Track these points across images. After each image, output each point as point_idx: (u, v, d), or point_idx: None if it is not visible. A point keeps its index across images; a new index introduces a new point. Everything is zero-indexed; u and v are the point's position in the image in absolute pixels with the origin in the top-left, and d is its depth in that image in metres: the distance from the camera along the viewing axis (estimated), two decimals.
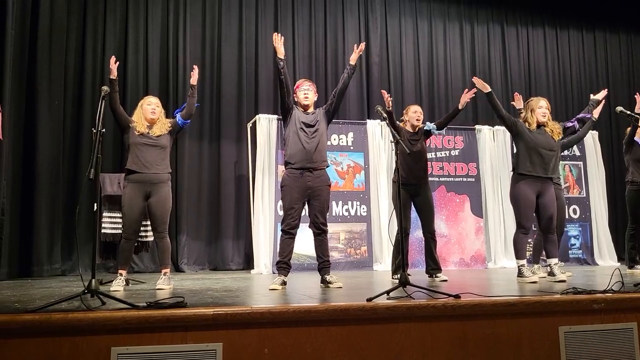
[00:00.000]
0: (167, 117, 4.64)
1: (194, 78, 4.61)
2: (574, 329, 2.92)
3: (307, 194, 4.35)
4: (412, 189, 5.04)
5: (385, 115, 4.11)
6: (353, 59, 4.65)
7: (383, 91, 5.14)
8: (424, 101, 8.45)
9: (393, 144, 3.79)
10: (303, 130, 4.39)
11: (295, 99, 4.55)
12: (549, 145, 4.61)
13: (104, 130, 3.24)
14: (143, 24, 7.37)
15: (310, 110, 4.51)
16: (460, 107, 5.21)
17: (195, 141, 7.43)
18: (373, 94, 8.27)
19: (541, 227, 4.74)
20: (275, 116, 7.09)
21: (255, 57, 7.86)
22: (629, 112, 4.75)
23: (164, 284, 4.25)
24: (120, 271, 4.32)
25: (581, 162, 8.27)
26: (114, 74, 4.38)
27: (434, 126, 5.21)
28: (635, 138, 5.81)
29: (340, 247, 7.08)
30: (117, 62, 4.41)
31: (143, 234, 4.95)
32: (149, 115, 4.44)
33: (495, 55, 9.10)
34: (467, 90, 5.22)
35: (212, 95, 7.60)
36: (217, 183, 7.46)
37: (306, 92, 4.50)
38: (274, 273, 6.15)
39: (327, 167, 4.51)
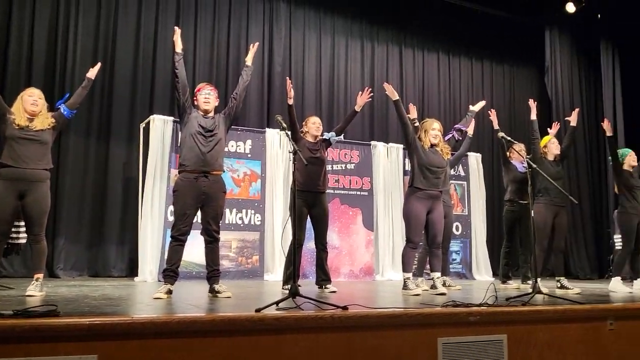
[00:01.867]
0: (50, 111, 4.32)
1: (93, 73, 4.48)
2: (451, 340, 3.07)
3: (201, 200, 4.25)
4: (310, 198, 5.07)
5: (284, 125, 4.11)
6: (249, 59, 4.68)
7: (288, 79, 5.18)
8: (324, 114, 8.59)
9: (291, 153, 3.79)
10: (201, 134, 4.29)
11: (195, 102, 4.44)
12: (440, 163, 4.88)
13: None
14: (30, 13, 6.84)
15: (210, 114, 4.43)
16: (357, 109, 5.34)
17: (81, 138, 6.99)
18: (274, 103, 8.28)
19: (428, 242, 4.98)
20: (172, 118, 6.85)
21: (153, 56, 7.58)
22: (509, 138, 5.14)
23: (35, 291, 3.93)
24: None
25: (465, 182, 8.82)
26: None
27: (333, 134, 5.32)
28: (513, 161, 6.30)
29: (231, 256, 6.96)
30: None
31: (14, 235, 4.57)
32: (30, 107, 4.12)
33: (393, 75, 9.47)
34: (360, 93, 5.36)
35: (103, 91, 7.20)
36: (103, 184, 7.05)
37: (207, 96, 4.41)
38: (159, 281, 5.93)
39: (223, 172, 4.43)
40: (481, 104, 5.99)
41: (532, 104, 5.91)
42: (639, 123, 9.99)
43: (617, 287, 5.56)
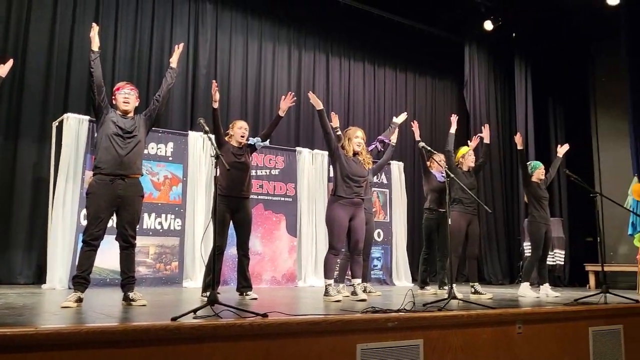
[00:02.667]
0: None
1: (5, 70, 4.14)
2: (370, 346, 3.10)
3: (116, 204, 4.07)
4: (234, 203, 4.99)
5: (207, 128, 4.01)
6: (173, 61, 4.54)
7: (214, 81, 5.05)
8: (250, 119, 8.49)
9: (213, 158, 3.70)
10: (119, 135, 4.12)
11: (114, 102, 4.25)
12: (361, 173, 4.95)
13: None
14: None
15: (130, 115, 4.25)
16: (281, 114, 5.32)
17: None
18: (197, 105, 8.10)
19: (349, 248, 5.03)
20: (87, 117, 6.53)
21: (69, 51, 7.19)
22: (429, 148, 5.30)
23: None
24: None
25: (387, 190, 9.01)
26: None
27: (258, 139, 5.27)
28: (433, 171, 6.50)
29: (148, 262, 6.71)
30: None
31: None
32: None
33: (319, 82, 9.55)
34: (284, 97, 5.34)
35: (13, 85, 6.73)
36: (9, 185, 6.58)
37: (127, 96, 4.24)
38: (69, 288, 5.61)
39: (142, 176, 4.27)
40: (403, 116, 6.16)
41: (454, 119, 6.14)
42: (547, 137, 10.65)
43: (525, 292, 5.87)
